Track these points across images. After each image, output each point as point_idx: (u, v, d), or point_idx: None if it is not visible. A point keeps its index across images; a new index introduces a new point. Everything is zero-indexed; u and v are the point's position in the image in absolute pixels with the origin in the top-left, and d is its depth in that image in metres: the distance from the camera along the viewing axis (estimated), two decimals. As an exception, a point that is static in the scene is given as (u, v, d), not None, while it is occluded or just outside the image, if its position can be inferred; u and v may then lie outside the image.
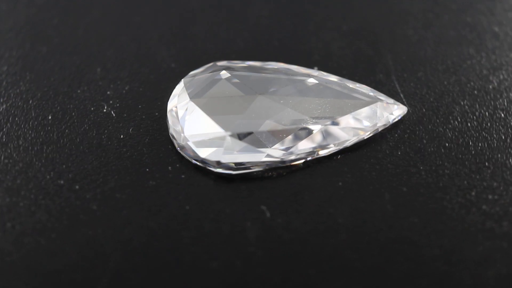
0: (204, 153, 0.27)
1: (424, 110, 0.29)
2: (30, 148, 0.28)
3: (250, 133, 0.26)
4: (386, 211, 0.26)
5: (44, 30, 0.33)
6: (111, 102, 0.29)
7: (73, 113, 0.29)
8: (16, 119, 0.29)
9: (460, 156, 0.27)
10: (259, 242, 0.25)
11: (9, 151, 0.28)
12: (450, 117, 0.29)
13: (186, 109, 0.27)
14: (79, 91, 0.30)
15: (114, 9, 0.35)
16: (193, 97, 0.27)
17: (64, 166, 0.27)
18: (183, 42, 0.33)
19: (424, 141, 0.28)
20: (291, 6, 0.35)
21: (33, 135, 0.28)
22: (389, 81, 0.30)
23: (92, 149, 0.28)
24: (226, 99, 0.27)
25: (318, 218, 0.26)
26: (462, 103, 0.29)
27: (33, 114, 0.29)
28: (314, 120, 0.27)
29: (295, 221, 0.26)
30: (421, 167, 0.27)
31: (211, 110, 0.27)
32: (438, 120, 0.28)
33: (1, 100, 0.30)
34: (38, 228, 0.25)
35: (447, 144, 0.28)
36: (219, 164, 0.26)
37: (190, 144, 0.27)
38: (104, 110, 0.29)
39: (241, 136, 0.26)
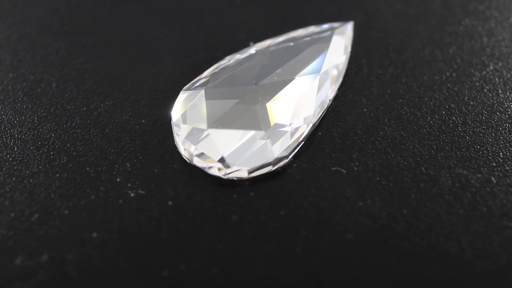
0: (243, 163, 0.27)
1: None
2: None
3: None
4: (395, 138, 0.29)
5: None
6: (107, 130, 0.31)
7: (82, 165, 0.30)
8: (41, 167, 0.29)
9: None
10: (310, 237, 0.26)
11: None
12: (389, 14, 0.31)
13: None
14: (73, 123, 0.31)
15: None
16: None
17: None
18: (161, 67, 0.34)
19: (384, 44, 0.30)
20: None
21: (57, 184, 0.29)
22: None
23: (112, 174, 0.28)
24: (223, 103, 0.28)
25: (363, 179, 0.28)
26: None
27: (51, 156, 0.30)
28: (307, 75, 0.29)
29: (332, 198, 0.27)
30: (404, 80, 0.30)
31: (222, 124, 0.28)
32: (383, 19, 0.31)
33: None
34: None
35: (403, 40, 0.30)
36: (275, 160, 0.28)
37: (225, 158, 0.27)
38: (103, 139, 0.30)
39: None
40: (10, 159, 0.29)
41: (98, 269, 0.25)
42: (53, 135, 0.30)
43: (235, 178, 0.27)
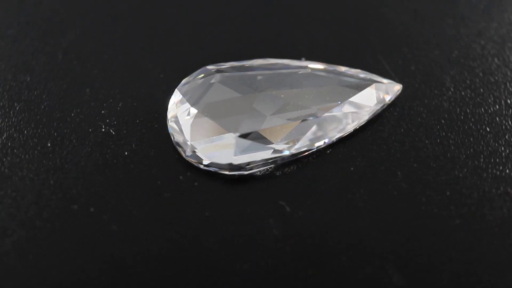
0: (214, 157, 0.27)
1: (416, 85, 0.29)
2: (35, 178, 0.27)
3: (255, 132, 0.26)
4: (401, 188, 0.26)
5: (23, 59, 0.33)
6: (107, 121, 0.29)
7: (72, 137, 0.29)
8: (15, 151, 0.28)
9: (461, 124, 0.28)
10: (285, 237, 0.25)
11: (14, 184, 0.27)
12: (443, 88, 0.29)
13: (188, 116, 0.27)
14: (72, 114, 0.30)
15: (90, 28, 0.34)
16: (193, 103, 0.27)
17: (74, 191, 0.27)
18: (166, 51, 0.32)
19: (424, 115, 0.28)
20: (269, 1, 0.35)
21: (36, 165, 0.28)
22: (377, 62, 0.30)
23: (99, 170, 0.27)
24: (225, 102, 0.27)
25: (339, 205, 0.26)
26: (451, 73, 0.30)
27: (31, 144, 0.29)
28: (314, 110, 0.27)
29: (316, 211, 0.26)
30: (427, 141, 0.27)
31: (213, 114, 0.27)
32: (432, 93, 0.29)
33: (-6, 132, 0.29)
34: (62, 256, 0.25)
35: (446, 115, 0.28)
36: (230, 166, 0.27)
37: (199, 151, 0.27)
38: (103, 130, 0.29)
39: (247, 136, 0.27)
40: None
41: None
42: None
43: (193, 163, 0.27)
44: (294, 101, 0.27)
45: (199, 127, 0.27)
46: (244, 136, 0.26)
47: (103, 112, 0.29)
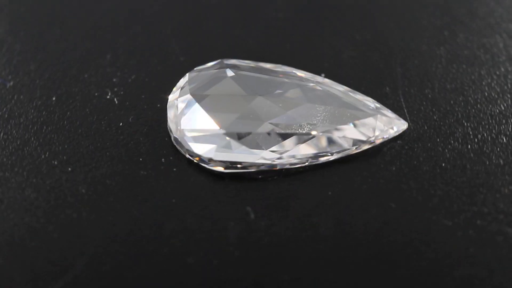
0: (197, 148, 0.27)
1: (426, 127, 0.28)
2: (30, 126, 0.28)
3: (246, 134, 0.26)
4: (370, 226, 0.25)
5: (61, 12, 0.34)
6: (115, 89, 0.30)
7: (77, 97, 0.29)
8: (21, 96, 0.29)
9: (455, 178, 0.27)
10: (239, 243, 0.25)
11: (9, 127, 0.28)
12: (451, 138, 0.28)
13: (186, 103, 0.27)
14: (86, 75, 0.30)
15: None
16: (195, 92, 0.27)
17: (60, 147, 0.27)
18: (195, 36, 0.33)
19: (421, 159, 0.27)
20: (307, 10, 0.35)
21: (34, 114, 0.29)
22: (395, 95, 0.30)
23: (90, 134, 0.28)
24: (226, 97, 0.27)
25: (301, 226, 0.25)
26: (465, 124, 0.29)
27: (38, 94, 0.29)
28: (311, 127, 0.27)
29: (278, 225, 0.25)
30: (413, 185, 0.26)
31: (210, 107, 0.27)
32: (438, 139, 0.28)
33: (10, 77, 0.30)
34: (25, 205, 0.26)
35: (443, 165, 0.27)
36: (211, 161, 0.26)
37: (186, 138, 0.27)
38: (108, 97, 0.29)
39: (236, 136, 0.26)
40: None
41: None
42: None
43: (178, 148, 0.27)
44: (296, 114, 0.27)
45: (193, 115, 0.27)
46: (233, 135, 0.26)
47: (114, 80, 0.30)
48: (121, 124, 0.28)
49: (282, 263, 0.25)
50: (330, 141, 0.27)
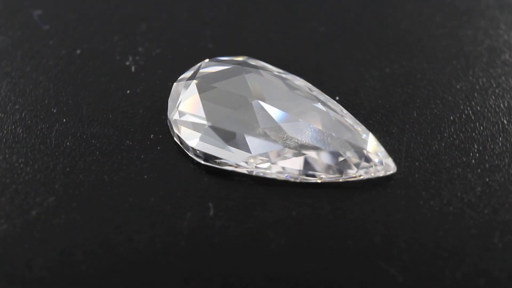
0: (183, 133, 0.27)
1: (415, 177, 0.28)
2: (47, 71, 0.30)
3: (231, 132, 0.27)
4: (314, 257, 0.25)
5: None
6: (137, 58, 0.31)
7: (100, 55, 0.31)
8: (51, 42, 0.31)
9: (417, 237, 0.26)
10: (189, 234, 0.25)
11: (28, 68, 0.30)
12: (437, 197, 0.27)
13: (189, 88, 0.28)
14: (116, 38, 0.31)
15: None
16: (202, 80, 0.28)
17: (65, 98, 0.29)
18: (230, 29, 0.33)
19: (396, 207, 0.27)
20: (348, 30, 0.34)
21: (56, 61, 0.30)
22: (399, 137, 0.29)
23: (96, 92, 0.29)
24: (230, 94, 0.28)
25: (254, 236, 0.26)
26: (449, 187, 0.28)
27: (66, 43, 0.31)
28: (296, 144, 0.27)
29: (232, 229, 0.26)
30: (379, 230, 0.26)
31: (209, 98, 0.28)
32: (422, 193, 0.27)
33: (48, 21, 0.32)
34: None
35: (418, 218, 0.27)
36: (192, 149, 0.27)
37: (177, 121, 0.27)
38: (127, 63, 0.30)
39: (222, 132, 0.27)
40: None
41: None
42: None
43: (170, 128, 0.28)
44: (287, 127, 0.27)
45: (190, 101, 0.28)
46: (219, 130, 0.27)
47: (139, 49, 0.31)
48: (128, 91, 0.29)
49: (220, 266, 0.25)
50: (311, 163, 0.27)
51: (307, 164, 0.27)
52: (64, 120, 0.28)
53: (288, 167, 0.27)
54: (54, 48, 0.30)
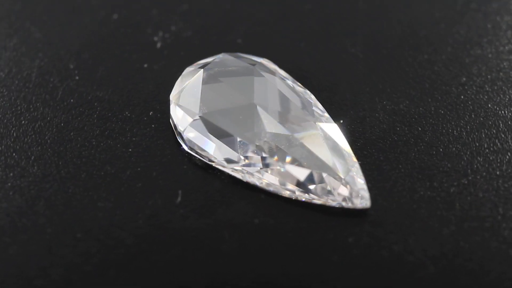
0: (176, 117, 0.28)
1: (389, 216, 0.28)
2: (81, 31, 0.31)
3: (216, 128, 0.27)
4: (260, 267, 0.26)
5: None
6: (166, 36, 0.32)
7: (134, 25, 0.32)
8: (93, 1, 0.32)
9: (384, 274, 0.26)
10: (149, 219, 0.26)
11: (67, 24, 0.31)
12: (398, 243, 0.27)
13: (195, 77, 0.29)
14: (154, 11, 0.32)
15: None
16: (210, 72, 0.28)
17: (85, 57, 0.30)
18: (264, 29, 0.33)
19: (366, 241, 0.27)
20: (380, 57, 0.33)
21: (91, 23, 0.32)
22: (388, 175, 0.29)
23: (117, 57, 0.30)
24: (232, 91, 0.28)
25: (208, 233, 0.26)
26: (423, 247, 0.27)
27: (105, 6, 0.32)
28: (281, 156, 0.27)
29: (190, 220, 0.26)
30: (335, 259, 0.26)
31: (209, 91, 0.28)
32: (395, 228, 0.27)
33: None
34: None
35: (382, 253, 0.26)
36: (178, 135, 0.28)
37: (174, 105, 0.28)
38: (155, 38, 0.31)
39: (208, 124, 0.28)
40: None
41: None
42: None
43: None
44: (277, 138, 0.27)
45: (192, 88, 0.28)
46: (208, 123, 0.27)
47: (172, 28, 0.32)
48: (145, 65, 0.30)
49: (166, 253, 0.25)
50: (286, 176, 0.27)
51: (285, 177, 0.27)
52: (77, 77, 0.29)
53: (267, 176, 0.27)
54: (94, 8, 0.32)
